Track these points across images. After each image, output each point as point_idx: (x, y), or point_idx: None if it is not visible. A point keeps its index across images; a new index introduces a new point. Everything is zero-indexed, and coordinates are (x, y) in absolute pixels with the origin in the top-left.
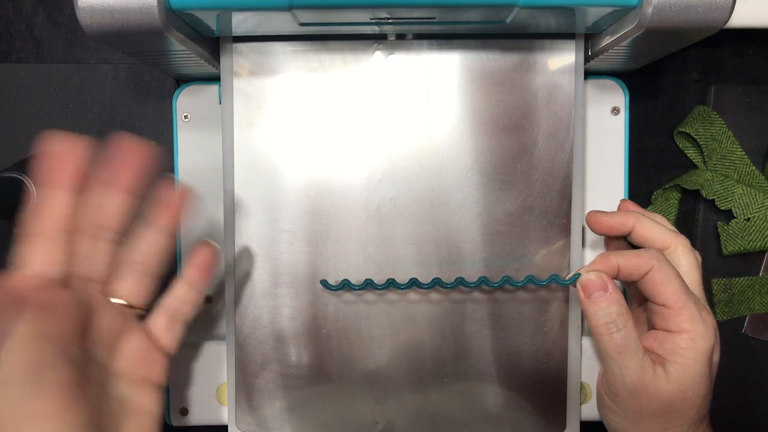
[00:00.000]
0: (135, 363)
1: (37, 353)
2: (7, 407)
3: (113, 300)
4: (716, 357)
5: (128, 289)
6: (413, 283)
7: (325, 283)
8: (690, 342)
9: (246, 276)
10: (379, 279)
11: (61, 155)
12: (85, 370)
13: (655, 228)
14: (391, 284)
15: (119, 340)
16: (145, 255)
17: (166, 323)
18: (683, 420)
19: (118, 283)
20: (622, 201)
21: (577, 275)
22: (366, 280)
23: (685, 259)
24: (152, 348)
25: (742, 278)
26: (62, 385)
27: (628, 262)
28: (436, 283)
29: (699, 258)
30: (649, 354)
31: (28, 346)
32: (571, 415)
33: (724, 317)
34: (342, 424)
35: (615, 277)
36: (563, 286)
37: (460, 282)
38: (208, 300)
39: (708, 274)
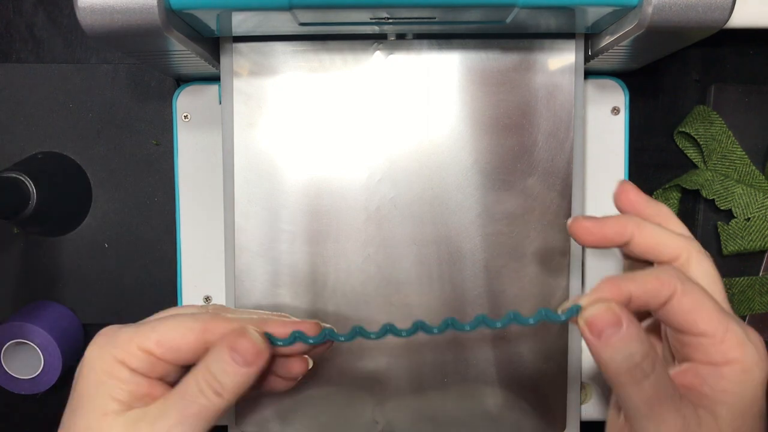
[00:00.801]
0: None
1: None
2: None
3: None
4: None
5: None
6: (387, 331)
7: (301, 336)
8: (742, 374)
9: (246, 276)
10: (379, 279)
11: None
12: None
13: (661, 235)
14: (388, 331)
15: None
16: None
17: None
18: None
19: None
20: (622, 183)
21: (576, 307)
22: (354, 328)
23: (702, 268)
24: None
25: (742, 278)
26: None
27: (643, 287)
28: (419, 328)
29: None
30: (686, 396)
31: None
32: (571, 415)
33: None
34: (342, 424)
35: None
36: (558, 323)
37: (450, 325)
38: (208, 300)
39: None
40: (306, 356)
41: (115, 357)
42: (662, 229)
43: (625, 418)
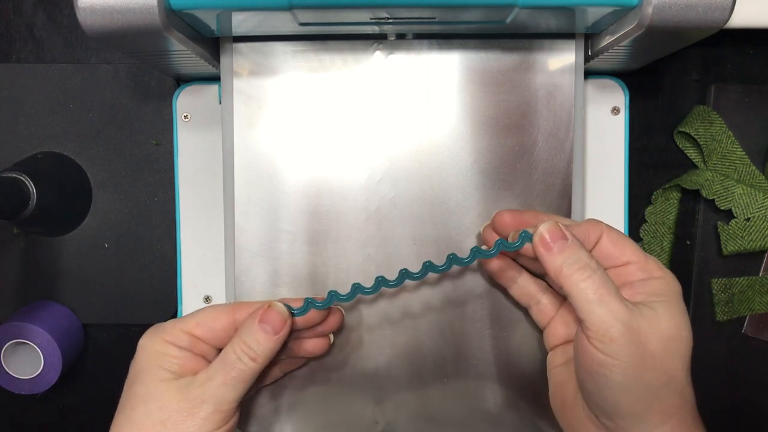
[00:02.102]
0: None
1: None
2: None
3: None
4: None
5: None
6: (380, 283)
7: (312, 302)
8: (666, 285)
9: (246, 276)
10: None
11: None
12: None
13: (626, 242)
14: (380, 283)
15: None
16: None
17: None
18: (678, 388)
19: None
20: (497, 214)
21: (526, 234)
22: (354, 285)
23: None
24: None
25: (741, 278)
26: None
27: (578, 228)
28: (405, 276)
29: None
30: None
31: None
32: None
33: (725, 317)
34: (341, 424)
35: None
36: (512, 250)
37: (405, 275)
38: (208, 300)
39: (708, 274)
40: (327, 336)
41: (164, 339)
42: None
43: (579, 316)
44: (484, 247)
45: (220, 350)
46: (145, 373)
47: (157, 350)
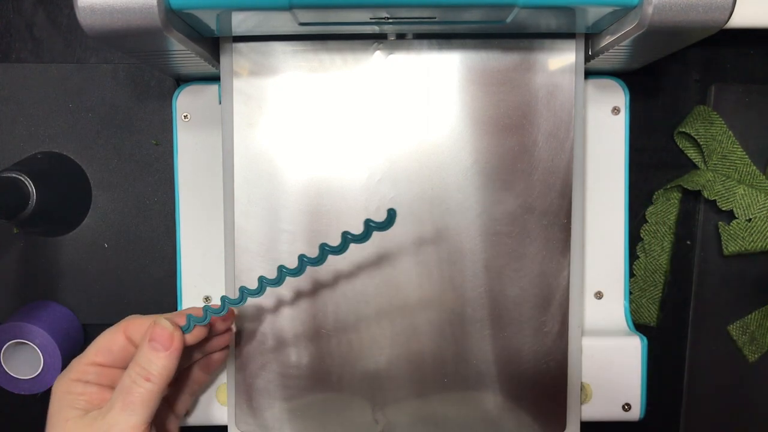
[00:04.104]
0: None
1: None
2: None
3: None
4: None
5: None
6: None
7: (263, 279)
8: None
9: (246, 276)
10: (379, 279)
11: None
12: None
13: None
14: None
15: None
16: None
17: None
18: None
19: None
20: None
21: None
22: (300, 256)
23: None
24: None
25: (753, 313)
26: None
27: None
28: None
29: None
30: None
31: None
32: (571, 415)
33: (755, 356)
34: (342, 424)
35: None
36: None
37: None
38: (208, 300)
39: (708, 274)
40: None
41: (69, 378)
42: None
43: None
44: None
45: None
46: (55, 417)
47: (63, 391)
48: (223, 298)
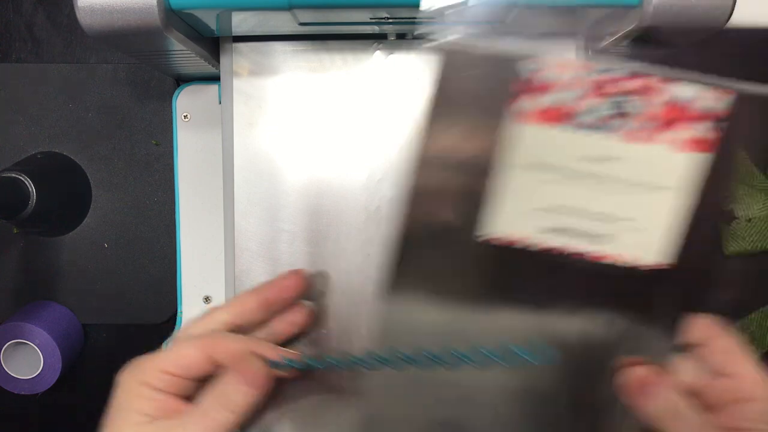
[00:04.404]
0: None
1: None
2: None
3: None
4: None
5: None
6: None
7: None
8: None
9: (246, 276)
10: (379, 279)
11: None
12: None
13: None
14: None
15: None
16: None
17: None
18: None
19: None
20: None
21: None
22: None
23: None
24: None
25: (753, 314)
26: None
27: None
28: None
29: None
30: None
31: None
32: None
33: (755, 356)
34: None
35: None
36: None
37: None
38: (208, 300)
39: (708, 274)
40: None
41: (139, 380)
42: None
43: None
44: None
45: (198, 384)
46: (120, 416)
47: (132, 391)
48: (306, 359)
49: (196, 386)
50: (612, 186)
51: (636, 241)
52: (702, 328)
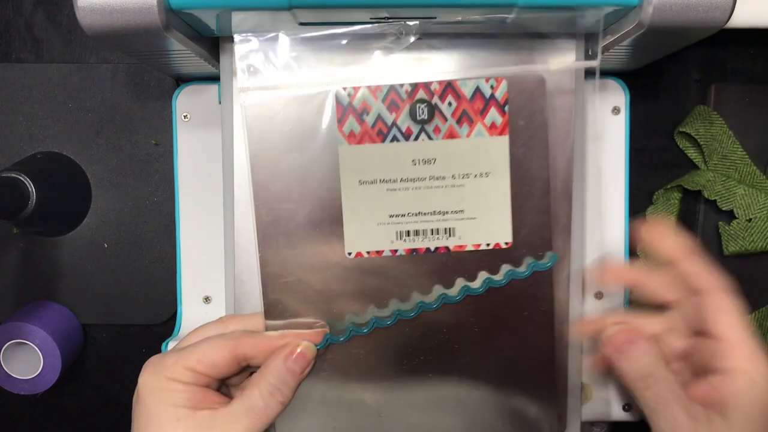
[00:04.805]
0: None
1: None
2: None
3: None
4: None
5: None
6: (374, 323)
7: (331, 337)
8: (751, 383)
9: (246, 276)
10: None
11: None
12: None
13: (730, 313)
14: (398, 315)
15: None
16: None
17: None
18: None
19: None
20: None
21: (554, 257)
22: (372, 319)
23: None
24: None
25: (753, 314)
26: None
27: (688, 266)
28: (421, 308)
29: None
30: (700, 403)
31: None
32: (571, 415)
33: None
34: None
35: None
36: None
37: (421, 306)
38: (208, 300)
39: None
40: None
41: (166, 377)
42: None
43: (647, 420)
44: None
45: (221, 380)
46: (156, 416)
47: (161, 387)
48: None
49: (217, 383)
50: (439, 183)
51: (474, 228)
52: (655, 235)
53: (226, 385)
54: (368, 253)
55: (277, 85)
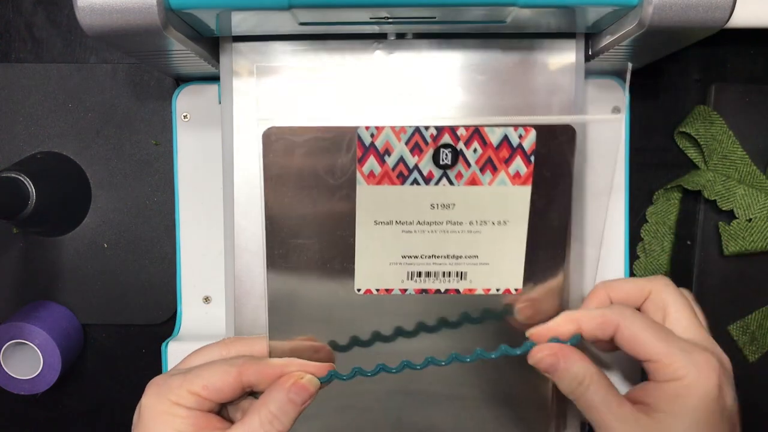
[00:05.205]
0: None
1: None
2: None
3: None
4: (729, 399)
5: None
6: (381, 369)
7: (335, 374)
8: (683, 389)
9: (246, 276)
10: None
11: None
12: None
13: (624, 285)
14: (405, 366)
15: None
16: None
17: None
18: None
19: None
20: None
21: (530, 345)
22: (378, 365)
23: (671, 300)
24: None
25: (754, 313)
26: None
27: (590, 322)
28: (406, 365)
29: (688, 294)
30: (640, 406)
31: None
32: (571, 415)
33: (755, 356)
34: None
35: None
36: (517, 356)
37: (430, 362)
38: (207, 300)
39: (708, 274)
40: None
41: (170, 400)
42: (625, 280)
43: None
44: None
45: (223, 404)
46: None
47: (164, 411)
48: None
49: (220, 408)
50: (456, 228)
51: (486, 273)
52: (608, 318)
53: (225, 407)
54: (377, 290)
55: (299, 118)
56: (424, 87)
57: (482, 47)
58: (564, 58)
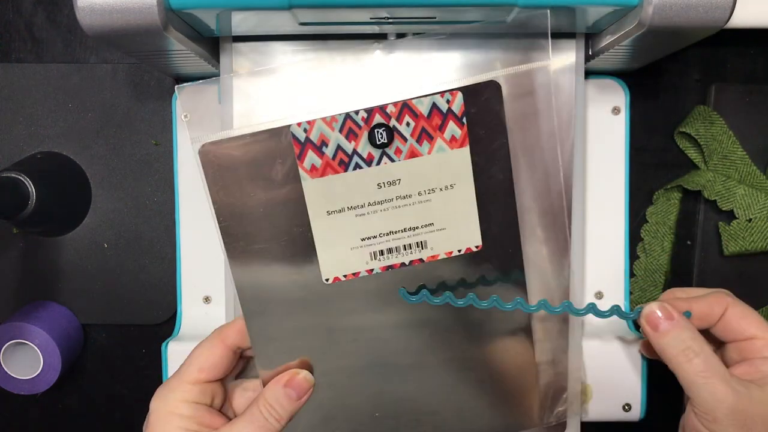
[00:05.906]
0: None
1: None
2: None
3: None
4: None
5: None
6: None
7: (403, 294)
8: None
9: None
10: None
11: None
12: None
13: (752, 316)
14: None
15: None
16: None
17: None
18: None
19: None
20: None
21: (639, 309)
22: (445, 293)
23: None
24: None
25: (759, 311)
26: None
27: (701, 303)
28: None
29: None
30: (740, 379)
31: None
32: (571, 415)
33: None
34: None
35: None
36: (625, 319)
37: (495, 301)
38: (208, 300)
39: (708, 274)
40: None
41: (174, 398)
42: (754, 311)
43: (689, 395)
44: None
45: (223, 383)
46: None
47: (171, 411)
48: None
49: (222, 391)
50: (406, 202)
51: (445, 238)
52: (713, 301)
53: (230, 406)
54: (345, 276)
55: (230, 129)
56: (424, 87)
57: (482, 47)
58: (564, 58)
